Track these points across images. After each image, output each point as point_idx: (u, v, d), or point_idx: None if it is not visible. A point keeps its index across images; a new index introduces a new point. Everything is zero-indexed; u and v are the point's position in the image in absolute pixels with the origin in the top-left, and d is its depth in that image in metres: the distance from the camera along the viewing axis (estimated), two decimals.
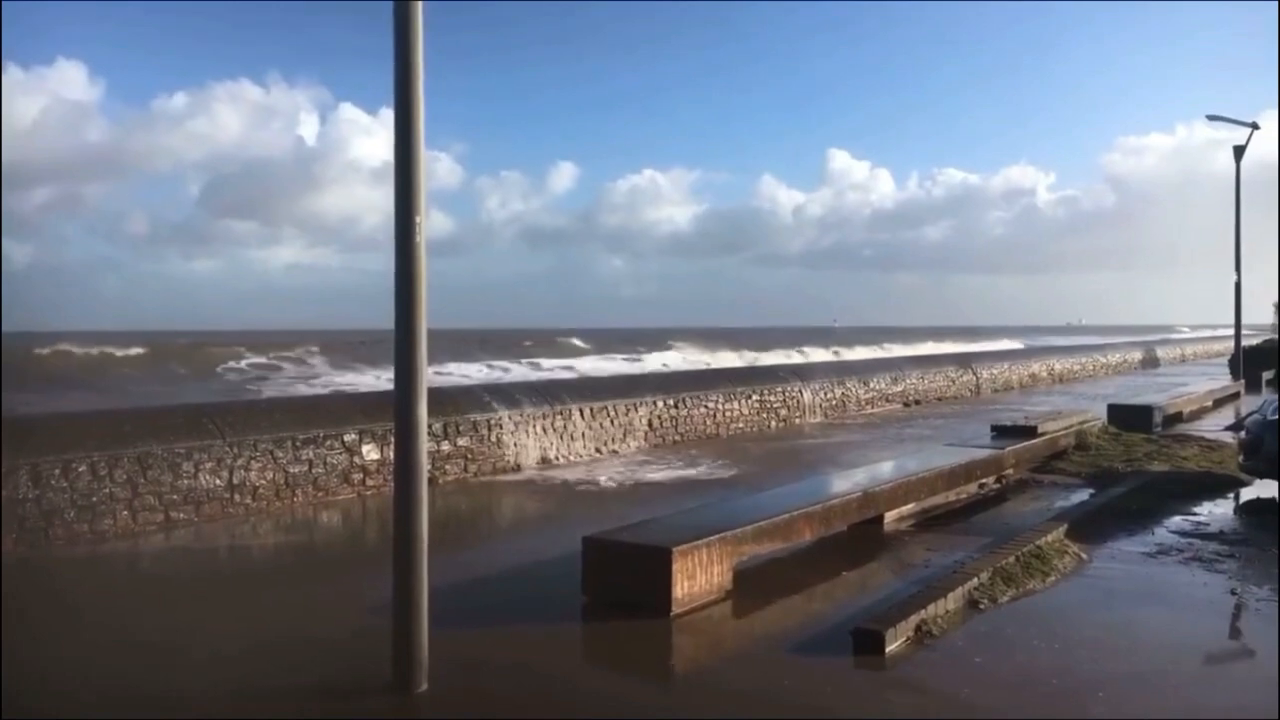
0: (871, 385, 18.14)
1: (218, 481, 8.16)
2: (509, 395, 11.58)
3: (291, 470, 8.71)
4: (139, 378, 29.90)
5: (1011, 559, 6.00)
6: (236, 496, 8.28)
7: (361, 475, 9.22)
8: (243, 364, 36.42)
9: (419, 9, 4.25)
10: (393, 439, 4.50)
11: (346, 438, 9.17)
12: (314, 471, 8.88)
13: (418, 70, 4.24)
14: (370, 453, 9.28)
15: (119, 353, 36.39)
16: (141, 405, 11.85)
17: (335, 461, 9.05)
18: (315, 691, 4.25)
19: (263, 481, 8.48)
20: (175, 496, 7.86)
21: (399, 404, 4.28)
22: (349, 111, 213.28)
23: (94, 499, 7.38)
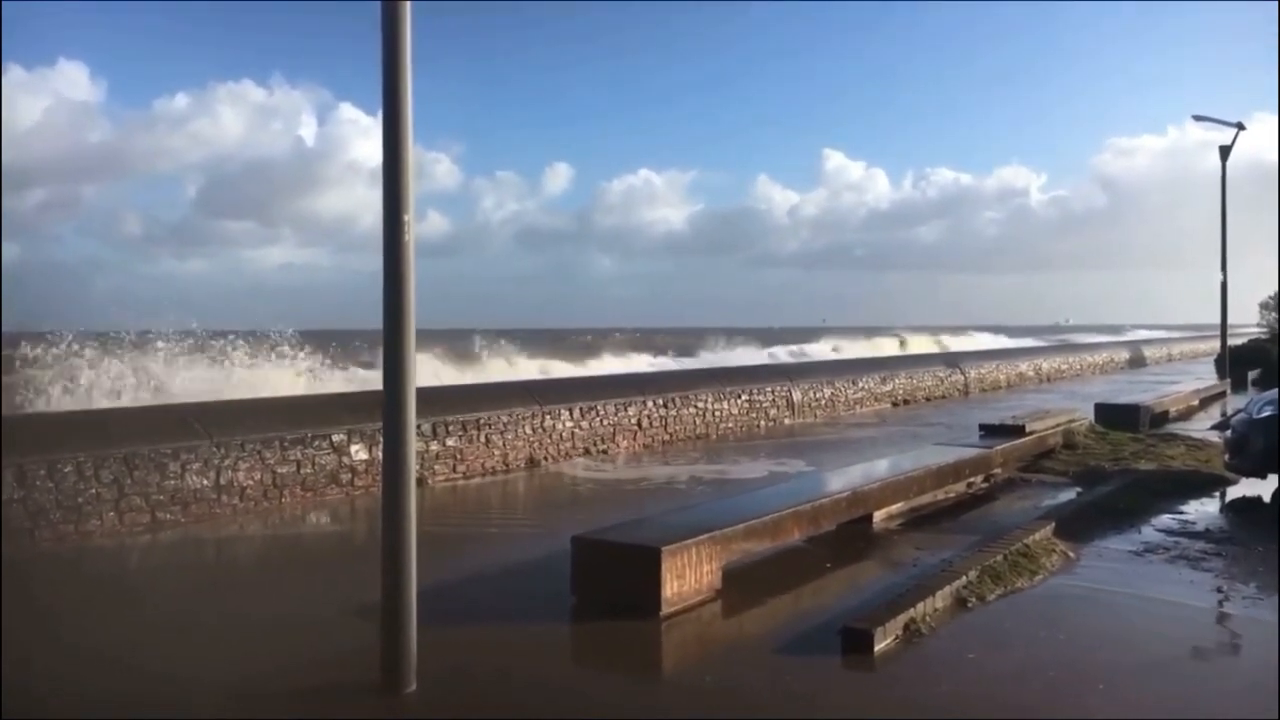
0: (860, 385, 18.17)
1: (205, 482, 8.11)
2: (498, 395, 11.59)
3: (279, 470, 8.67)
4: None
5: (1000, 557, 6.02)
6: (224, 497, 8.23)
7: (350, 475, 9.18)
8: None
9: (407, 7, 4.24)
10: (381, 439, 4.48)
11: (335, 438, 9.13)
12: (302, 471, 8.85)
13: (405, 67, 4.21)
14: (359, 453, 9.25)
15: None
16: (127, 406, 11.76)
17: (323, 462, 9.01)
18: (302, 692, 4.23)
19: (250, 482, 8.44)
20: (162, 497, 7.82)
21: (388, 404, 4.25)
22: (349, 112, 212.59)
23: (80, 499, 7.33)
